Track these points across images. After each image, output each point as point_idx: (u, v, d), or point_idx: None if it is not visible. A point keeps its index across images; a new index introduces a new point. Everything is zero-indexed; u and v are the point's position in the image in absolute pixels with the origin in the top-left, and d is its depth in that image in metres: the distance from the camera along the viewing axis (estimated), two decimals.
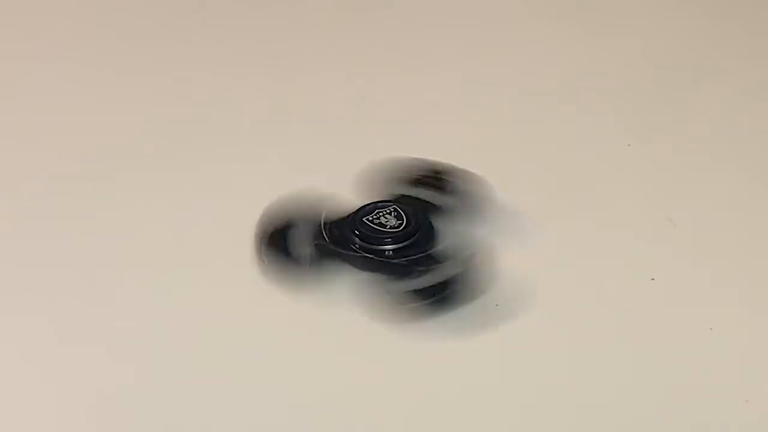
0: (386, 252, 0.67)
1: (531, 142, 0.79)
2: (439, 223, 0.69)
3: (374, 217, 0.68)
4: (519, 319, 0.65)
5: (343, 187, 0.72)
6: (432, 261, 0.67)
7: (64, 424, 0.60)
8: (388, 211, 0.69)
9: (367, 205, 0.69)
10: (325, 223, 0.69)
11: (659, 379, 0.61)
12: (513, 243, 0.69)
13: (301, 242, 0.68)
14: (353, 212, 0.69)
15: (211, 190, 0.75)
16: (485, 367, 0.63)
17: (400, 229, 0.68)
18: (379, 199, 0.70)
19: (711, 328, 0.64)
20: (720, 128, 0.81)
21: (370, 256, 0.67)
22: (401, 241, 0.67)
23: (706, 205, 0.73)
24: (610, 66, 0.88)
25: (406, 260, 0.67)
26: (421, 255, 0.67)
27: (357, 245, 0.67)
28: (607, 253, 0.69)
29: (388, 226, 0.68)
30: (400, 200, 0.70)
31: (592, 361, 0.63)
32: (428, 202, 0.71)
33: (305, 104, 0.83)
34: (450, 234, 0.69)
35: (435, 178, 0.73)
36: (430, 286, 0.66)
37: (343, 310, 0.65)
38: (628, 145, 0.79)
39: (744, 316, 0.65)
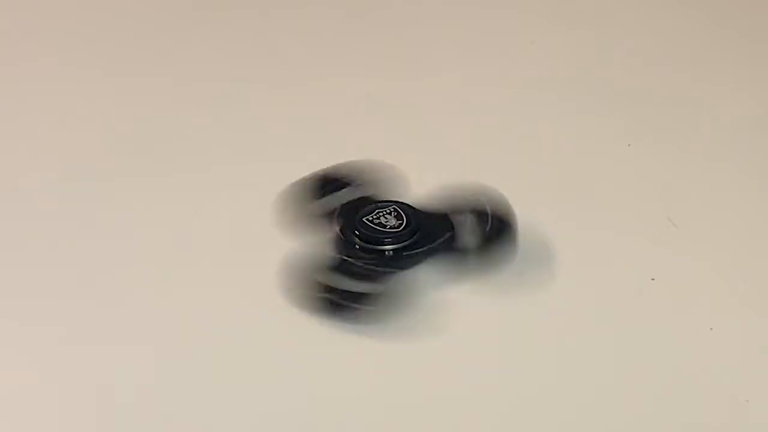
0: (387, 252, 0.67)
1: (531, 142, 0.79)
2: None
3: (374, 217, 0.68)
4: (519, 319, 0.65)
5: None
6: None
7: (70, 425, 0.60)
8: (388, 211, 0.69)
9: (367, 205, 0.69)
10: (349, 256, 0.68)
11: (659, 379, 0.61)
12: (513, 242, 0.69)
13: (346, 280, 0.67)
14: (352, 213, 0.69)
15: (213, 190, 0.75)
16: (485, 367, 0.63)
17: (400, 229, 0.68)
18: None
19: (711, 328, 0.64)
20: (720, 128, 0.81)
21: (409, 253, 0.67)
22: (401, 241, 0.67)
23: (706, 205, 0.73)
24: (610, 66, 0.88)
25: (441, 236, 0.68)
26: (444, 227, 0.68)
27: (357, 245, 0.67)
28: (607, 253, 0.70)
29: (388, 226, 0.68)
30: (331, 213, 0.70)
31: (592, 361, 0.63)
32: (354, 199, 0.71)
33: (306, 105, 0.83)
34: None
35: (335, 182, 0.72)
36: (480, 235, 0.67)
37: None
38: (628, 145, 0.79)
39: (744, 316, 0.65)
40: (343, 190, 0.71)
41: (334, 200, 0.70)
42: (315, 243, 0.68)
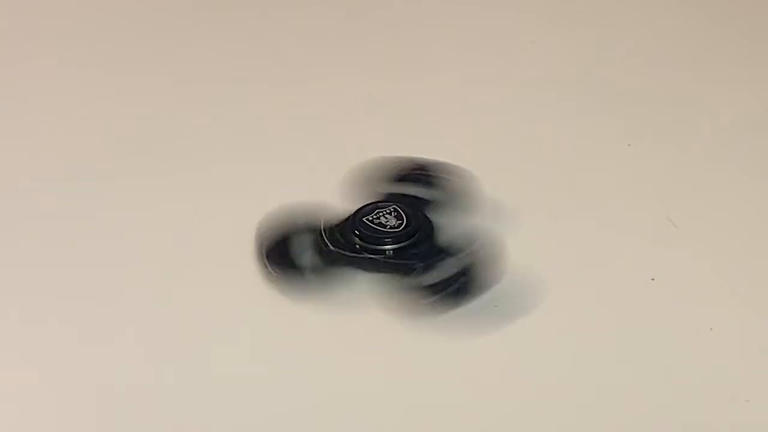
0: (386, 252, 0.67)
1: (531, 142, 0.79)
2: (436, 218, 0.69)
3: (374, 217, 0.68)
4: (519, 319, 0.65)
5: (337, 190, 0.72)
6: (438, 255, 0.67)
7: (70, 425, 0.60)
8: (388, 211, 0.69)
9: (367, 205, 0.69)
10: (325, 230, 0.68)
11: (659, 379, 0.61)
12: (512, 243, 0.69)
13: (304, 252, 0.68)
14: (352, 213, 0.69)
15: (213, 190, 0.75)
16: (486, 368, 0.63)
17: (400, 229, 0.68)
18: (374, 200, 0.70)
19: (711, 328, 0.64)
20: (720, 128, 0.81)
21: (375, 256, 0.67)
22: (401, 241, 0.67)
23: (706, 205, 0.73)
24: (610, 66, 0.88)
25: (412, 258, 0.67)
26: (425, 251, 0.67)
27: (358, 246, 0.67)
28: (607, 253, 0.70)
29: (388, 226, 0.68)
30: (390, 199, 0.70)
31: (592, 361, 0.63)
32: (419, 198, 0.71)
33: (306, 105, 0.83)
34: (450, 227, 0.69)
35: (420, 174, 0.73)
36: (442, 280, 0.66)
37: (355, 312, 0.65)
38: (628, 145, 0.79)
39: (744, 316, 0.65)
40: (418, 184, 0.71)
41: (400, 188, 0.71)
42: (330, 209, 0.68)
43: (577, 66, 0.88)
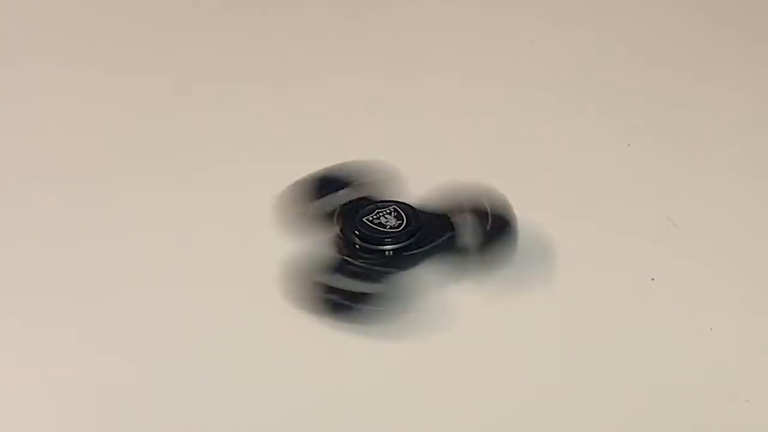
0: (386, 252, 0.67)
1: (531, 142, 0.79)
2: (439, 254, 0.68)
3: (374, 217, 0.68)
4: (519, 319, 0.65)
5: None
6: (380, 272, 0.66)
7: (69, 425, 0.60)
8: (388, 211, 0.69)
9: (368, 205, 0.69)
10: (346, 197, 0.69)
11: (660, 379, 0.61)
12: (512, 243, 0.69)
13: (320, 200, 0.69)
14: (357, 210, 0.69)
15: (213, 190, 0.75)
16: (486, 367, 0.63)
17: (400, 229, 0.68)
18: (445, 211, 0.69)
19: (711, 328, 0.64)
20: (720, 128, 0.81)
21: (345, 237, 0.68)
22: (401, 241, 0.67)
23: (706, 205, 0.73)
24: (610, 66, 0.88)
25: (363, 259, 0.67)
26: (379, 263, 0.67)
27: (357, 245, 0.67)
28: (607, 253, 0.70)
29: (388, 226, 0.68)
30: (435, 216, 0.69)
31: (592, 361, 0.63)
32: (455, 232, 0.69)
33: (306, 105, 0.83)
34: (426, 268, 0.68)
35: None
36: (350, 291, 0.65)
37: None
38: (628, 145, 0.79)
39: (744, 316, 0.65)
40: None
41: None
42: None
43: (577, 66, 0.88)
